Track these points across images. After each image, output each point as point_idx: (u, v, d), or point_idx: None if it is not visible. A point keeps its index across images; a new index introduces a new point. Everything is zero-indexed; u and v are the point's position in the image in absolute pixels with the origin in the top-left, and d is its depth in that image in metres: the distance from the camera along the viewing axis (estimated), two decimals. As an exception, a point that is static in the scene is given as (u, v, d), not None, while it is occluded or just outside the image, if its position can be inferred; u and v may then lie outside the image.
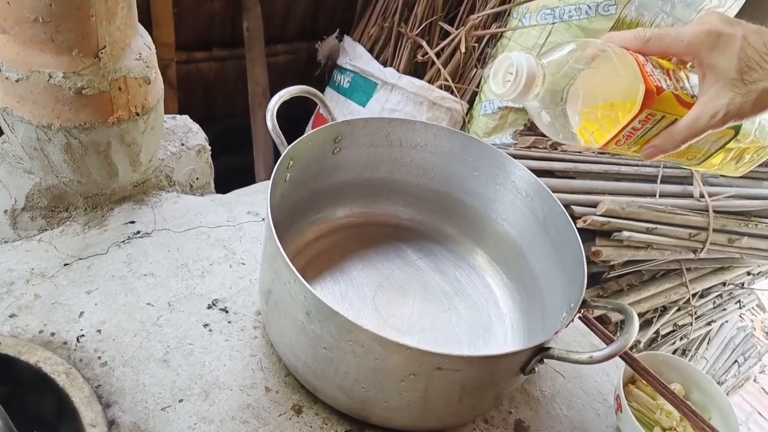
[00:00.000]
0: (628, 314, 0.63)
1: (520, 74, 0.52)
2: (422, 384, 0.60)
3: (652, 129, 0.54)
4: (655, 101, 0.52)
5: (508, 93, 0.53)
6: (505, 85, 0.53)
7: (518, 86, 0.52)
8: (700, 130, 0.52)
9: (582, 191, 1.36)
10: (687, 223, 1.40)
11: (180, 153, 0.92)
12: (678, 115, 0.53)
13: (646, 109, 0.52)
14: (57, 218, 0.81)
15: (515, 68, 0.52)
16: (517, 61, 0.52)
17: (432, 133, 0.84)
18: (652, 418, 0.74)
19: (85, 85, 0.71)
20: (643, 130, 0.54)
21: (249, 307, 0.78)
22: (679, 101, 0.53)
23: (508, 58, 0.53)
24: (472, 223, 0.89)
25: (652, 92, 0.51)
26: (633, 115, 0.52)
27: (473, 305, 0.85)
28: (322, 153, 0.80)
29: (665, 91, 0.52)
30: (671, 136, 0.54)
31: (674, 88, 0.53)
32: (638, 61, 0.53)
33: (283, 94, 0.74)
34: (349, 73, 1.64)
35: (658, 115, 0.53)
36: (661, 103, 0.52)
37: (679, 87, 0.54)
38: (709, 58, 0.51)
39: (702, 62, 0.52)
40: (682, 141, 0.53)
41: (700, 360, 1.73)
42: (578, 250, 0.71)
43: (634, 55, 0.53)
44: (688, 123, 0.52)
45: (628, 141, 0.55)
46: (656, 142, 0.55)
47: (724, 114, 0.51)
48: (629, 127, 0.53)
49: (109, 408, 0.64)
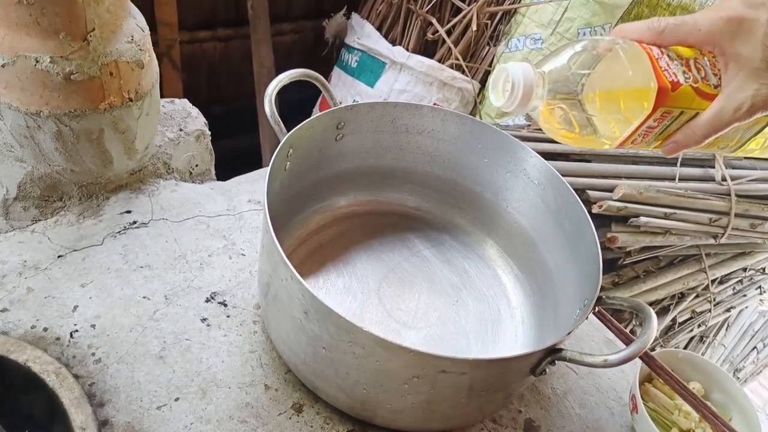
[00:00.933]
0: (646, 314, 0.59)
1: (516, 87, 0.49)
2: (426, 387, 0.57)
3: (672, 125, 0.50)
4: (669, 98, 0.48)
5: (506, 105, 0.51)
6: (505, 95, 0.51)
7: (516, 99, 0.50)
8: (724, 124, 0.48)
9: (598, 175, 1.31)
10: (708, 208, 1.35)
11: (178, 139, 0.88)
12: (699, 109, 0.49)
13: (660, 107, 0.48)
14: (51, 208, 0.78)
15: (511, 81, 0.50)
16: (513, 73, 0.49)
17: (440, 118, 0.80)
18: (669, 419, 0.71)
19: (73, 70, 0.67)
20: (661, 128, 0.50)
21: (249, 301, 0.75)
22: (699, 94, 0.49)
23: (504, 69, 0.51)
24: (482, 212, 0.86)
25: (666, 89, 0.48)
26: (646, 115, 0.48)
27: (482, 298, 0.82)
28: (324, 140, 0.76)
29: (682, 85, 0.48)
30: (692, 132, 0.50)
31: (694, 81, 0.49)
32: (651, 56, 0.49)
33: (281, 78, 0.70)
34: (357, 53, 1.59)
35: (675, 111, 0.49)
36: (678, 99, 0.48)
37: (700, 78, 0.49)
38: (731, 47, 0.47)
39: (724, 51, 0.48)
40: (705, 136, 0.49)
41: (718, 347, 1.69)
42: (593, 244, 0.67)
43: (647, 49, 0.49)
44: (710, 117, 0.49)
45: (646, 139, 0.52)
46: (677, 138, 0.51)
47: (750, 106, 0.47)
48: (644, 126, 0.50)
49: (103, 407, 0.62)
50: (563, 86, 0.50)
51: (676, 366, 0.75)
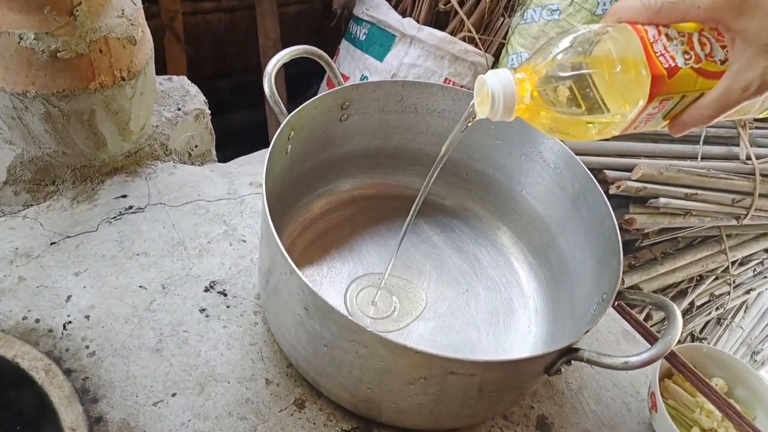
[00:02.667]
0: (670, 311, 0.55)
1: (497, 99, 0.47)
2: (434, 388, 0.54)
3: (675, 108, 0.46)
4: (665, 86, 0.44)
5: (491, 116, 0.49)
6: (487, 106, 0.48)
7: (498, 111, 0.47)
8: (732, 103, 0.44)
9: (615, 154, 1.25)
10: (731, 188, 1.29)
11: (176, 119, 0.84)
12: (704, 89, 0.45)
13: (656, 97, 0.44)
14: (43, 192, 0.75)
15: (491, 94, 0.47)
16: (491, 84, 0.47)
17: (451, 97, 0.75)
18: (690, 417, 0.67)
19: (60, 47, 0.63)
20: (663, 112, 0.46)
21: (249, 290, 0.72)
22: (702, 74, 0.45)
23: (483, 81, 0.48)
24: (495, 197, 0.81)
25: (662, 77, 0.44)
26: (641, 107, 0.44)
27: (494, 287, 0.78)
28: (328, 121, 0.72)
29: (681, 69, 0.44)
30: (699, 112, 0.46)
31: (696, 60, 0.44)
32: (644, 40, 0.44)
33: (281, 56, 0.65)
34: (365, 24, 1.53)
35: (675, 97, 0.45)
36: (676, 84, 0.44)
37: (703, 55, 0.45)
38: (737, 23, 0.43)
39: (729, 27, 0.43)
40: (711, 117, 0.46)
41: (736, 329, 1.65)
42: (613, 234, 0.63)
43: (641, 32, 0.45)
44: (716, 97, 0.45)
45: (649, 123, 0.48)
46: (683, 118, 0.47)
47: (759, 85, 0.43)
48: (644, 114, 0.46)
49: (97, 403, 0.59)
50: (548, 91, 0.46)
51: (699, 361, 0.71)
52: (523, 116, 0.49)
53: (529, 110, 0.48)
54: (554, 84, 0.45)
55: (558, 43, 0.46)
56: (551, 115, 0.47)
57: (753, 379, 0.70)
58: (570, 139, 0.50)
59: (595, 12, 1.35)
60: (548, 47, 0.46)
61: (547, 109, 0.47)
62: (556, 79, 0.45)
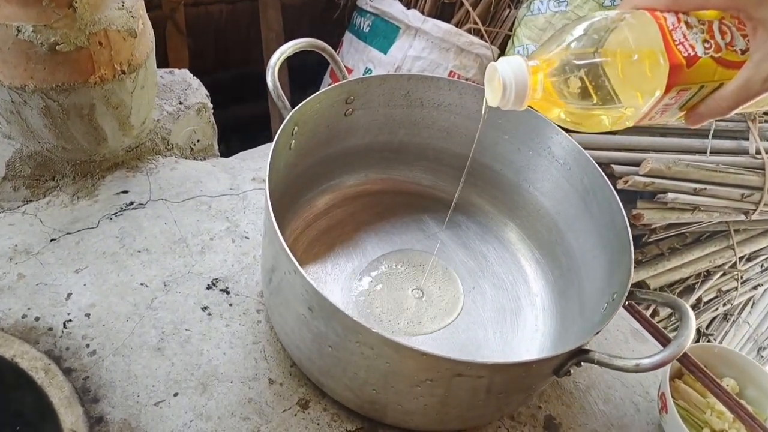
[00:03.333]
0: (683, 312, 0.54)
1: (509, 87, 0.45)
2: (440, 390, 0.53)
3: (692, 98, 0.45)
4: (684, 76, 0.42)
5: (502, 105, 0.47)
6: (499, 95, 0.47)
7: (509, 99, 0.46)
8: (753, 94, 0.43)
9: (624, 148, 1.23)
10: (740, 183, 1.28)
11: (178, 113, 0.83)
12: (723, 80, 0.44)
13: (674, 87, 0.43)
14: (43, 188, 0.74)
15: (502, 82, 0.45)
16: (503, 72, 0.45)
17: (457, 91, 0.73)
18: (701, 418, 0.66)
19: (59, 40, 0.62)
20: (680, 102, 0.45)
21: (252, 288, 0.71)
22: (722, 64, 0.43)
23: (494, 69, 0.46)
24: (502, 192, 0.80)
25: (680, 66, 0.42)
26: (657, 98, 0.43)
27: (501, 284, 0.77)
28: (332, 115, 0.70)
29: (701, 58, 0.42)
30: (717, 104, 0.45)
31: (716, 49, 0.43)
32: (663, 28, 0.43)
33: (284, 50, 0.64)
34: (369, 16, 1.51)
35: (693, 87, 0.43)
36: (695, 74, 0.43)
37: (723, 44, 0.43)
38: (758, 12, 0.41)
39: (751, 16, 0.42)
40: (730, 108, 0.44)
41: (743, 325, 1.64)
42: (624, 231, 0.61)
43: (659, 19, 0.43)
44: (735, 89, 0.43)
45: (665, 114, 0.46)
46: (700, 110, 0.46)
47: None
48: (661, 104, 0.44)
49: (97, 403, 0.58)
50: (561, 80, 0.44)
51: (710, 361, 0.70)
52: (534, 106, 0.47)
53: (541, 100, 0.46)
54: (567, 73, 0.44)
55: (572, 30, 0.44)
56: (564, 104, 0.45)
57: (764, 380, 0.69)
58: (582, 129, 0.48)
59: (603, 3, 1.32)
60: (562, 34, 0.44)
61: (559, 99, 0.45)
62: (569, 67, 0.44)
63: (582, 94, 0.44)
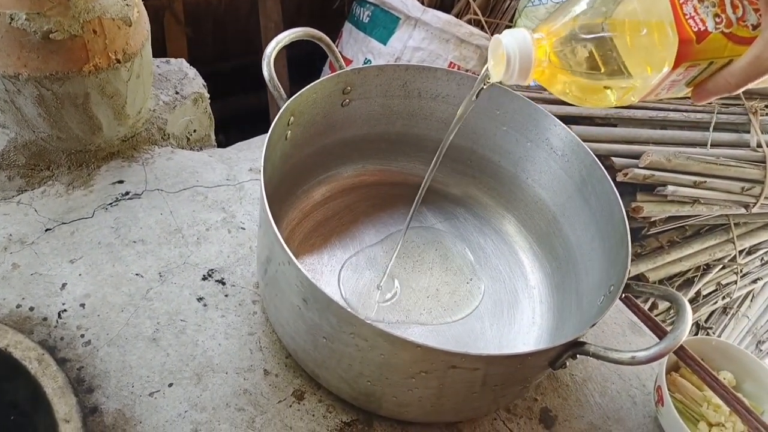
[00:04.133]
0: (679, 305, 0.53)
1: (513, 60, 0.44)
2: (435, 381, 0.53)
3: (701, 75, 0.44)
4: (693, 51, 0.41)
5: (505, 79, 0.46)
6: (502, 68, 0.46)
7: (513, 73, 0.45)
8: (762, 71, 0.41)
9: (623, 140, 1.23)
10: (740, 176, 1.27)
11: (174, 102, 0.82)
12: (733, 56, 0.42)
13: (683, 62, 0.41)
14: (38, 177, 0.73)
15: (506, 55, 0.44)
16: (507, 46, 0.44)
17: (455, 82, 0.73)
18: (697, 411, 0.66)
19: (52, 28, 0.61)
20: (687, 79, 0.44)
21: (248, 279, 0.71)
22: (732, 40, 0.42)
23: (498, 42, 0.45)
24: (500, 184, 0.79)
25: (690, 41, 0.41)
26: (665, 74, 0.42)
27: (498, 276, 0.76)
28: (329, 106, 0.70)
29: (711, 34, 0.41)
30: (725, 80, 0.43)
31: (726, 24, 0.41)
32: (674, 1, 0.41)
33: (281, 39, 0.63)
34: (369, 6, 1.50)
35: (702, 63, 0.42)
36: (704, 50, 0.41)
37: (735, 19, 0.42)
38: None
39: None
40: (738, 85, 0.43)
41: (742, 318, 1.63)
42: (622, 224, 0.61)
43: None
44: (744, 66, 0.41)
45: (672, 90, 0.45)
46: (708, 86, 0.44)
47: None
48: (668, 80, 0.43)
49: (92, 393, 0.58)
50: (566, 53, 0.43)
51: (708, 354, 0.69)
52: (539, 79, 0.46)
53: (545, 73, 0.45)
54: (573, 46, 0.43)
55: (579, 1, 0.43)
56: (569, 78, 0.44)
57: (762, 373, 0.68)
58: (585, 105, 0.47)
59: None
60: (569, 5, 0.43)
61: (564, 72, 0.44)
62: (576, 40, 0.43)
63: (589, 64, 0.43)
